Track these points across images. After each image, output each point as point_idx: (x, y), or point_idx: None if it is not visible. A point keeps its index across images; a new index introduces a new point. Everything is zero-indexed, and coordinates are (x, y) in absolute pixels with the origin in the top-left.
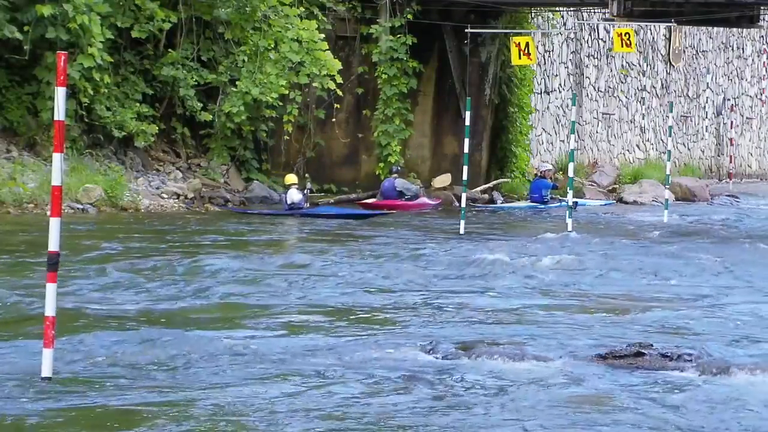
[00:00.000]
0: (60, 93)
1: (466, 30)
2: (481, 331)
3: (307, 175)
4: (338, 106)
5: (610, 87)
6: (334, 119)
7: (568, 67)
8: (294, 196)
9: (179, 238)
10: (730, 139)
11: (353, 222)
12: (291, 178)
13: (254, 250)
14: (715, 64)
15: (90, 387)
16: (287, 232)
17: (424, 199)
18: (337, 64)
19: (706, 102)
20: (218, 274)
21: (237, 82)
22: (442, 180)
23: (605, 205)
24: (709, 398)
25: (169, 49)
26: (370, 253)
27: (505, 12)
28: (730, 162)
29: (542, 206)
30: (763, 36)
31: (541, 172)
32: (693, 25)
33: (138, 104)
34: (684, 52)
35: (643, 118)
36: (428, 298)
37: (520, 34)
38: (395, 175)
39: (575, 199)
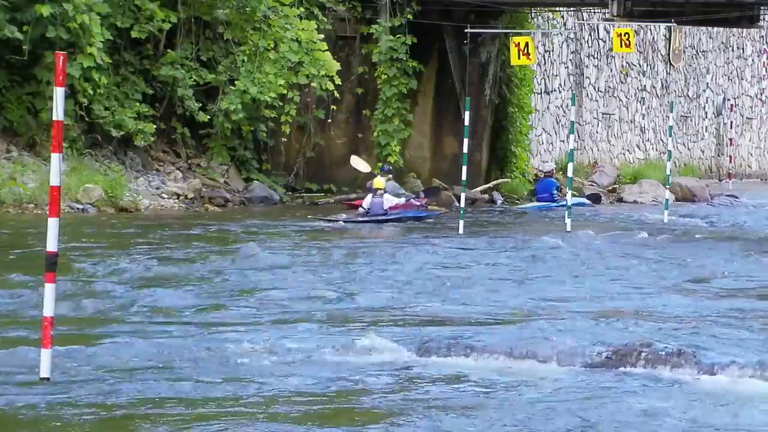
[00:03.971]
0: (59, 93)
1: (466, 30)
2: (479, 331)
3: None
4: (335, 107)
5: (610, 87)
6: (330, 120)
7: (568, 67)
8: (388, 202)
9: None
10: (730, 139)
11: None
12: (381, 182)
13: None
14: (715, 64)
15: (89, 388)
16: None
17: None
18: (336, 65)
19: (706, 102)
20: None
21: (235, 81)
22: (362, 164)
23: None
24: (709, 397)
25: (169, 49)
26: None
27: (505, 12)
28: (730, 162)
29: (554, 205)
30: (763, 36)
31: (546, 173)
32: (693, 25)
33: (138, 104)
34: (684, 52)
35: (643, 118)
36: (427, 297)
37: (520, 34)
38: (389, 176)
39: (584, 200)
